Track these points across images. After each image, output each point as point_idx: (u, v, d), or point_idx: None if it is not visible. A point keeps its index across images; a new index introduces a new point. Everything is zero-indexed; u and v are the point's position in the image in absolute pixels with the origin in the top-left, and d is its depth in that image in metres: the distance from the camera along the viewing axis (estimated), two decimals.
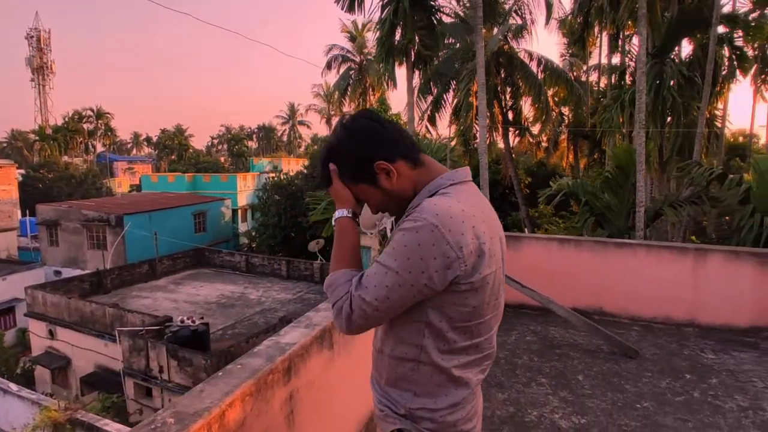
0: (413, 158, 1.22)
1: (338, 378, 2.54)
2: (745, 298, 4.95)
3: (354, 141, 1.20)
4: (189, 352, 10.68)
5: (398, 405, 1.22)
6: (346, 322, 1.14)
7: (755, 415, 3.33)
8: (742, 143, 27.35)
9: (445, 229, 1.06)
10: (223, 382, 1.76)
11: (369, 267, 1.19)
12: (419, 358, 1.17)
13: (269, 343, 2.15)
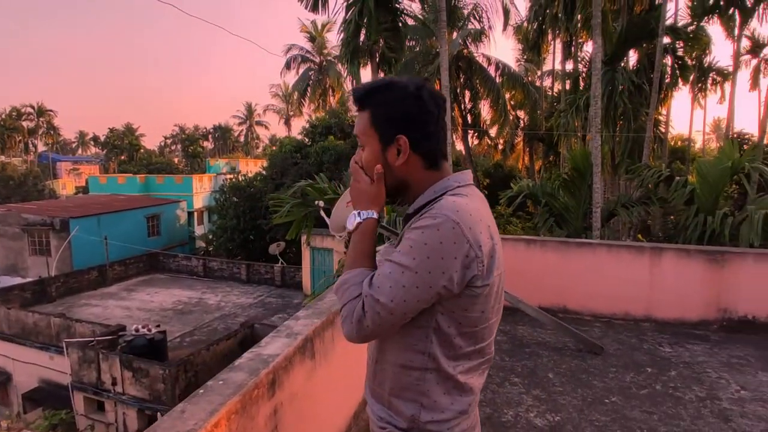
0: (431, 161, 1.18)
1: (319, 388, 2.48)
2: (695, 293, 5.26)
3: (408, 105, 1.14)
4: (145, 362, 10.19)
5: (402, 417, 1.16)
6: (357, 326, 1.06)
7: (712, 404, 3.53)
8: (681, 147, 29.17)
9: (465, 227, 1.03)
10: (205, 400, 1.67)
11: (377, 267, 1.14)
12: (426, 366, 1.12)
13: (250, 355, 2.06)
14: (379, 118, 1.16)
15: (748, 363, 4.31)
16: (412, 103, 1.14)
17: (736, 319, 5.12)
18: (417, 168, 1.17)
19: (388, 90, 1.18)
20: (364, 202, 1.19)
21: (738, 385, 3.85)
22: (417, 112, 1.14)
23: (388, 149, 1.16)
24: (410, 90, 1.16)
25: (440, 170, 1.19)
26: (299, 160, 23.57)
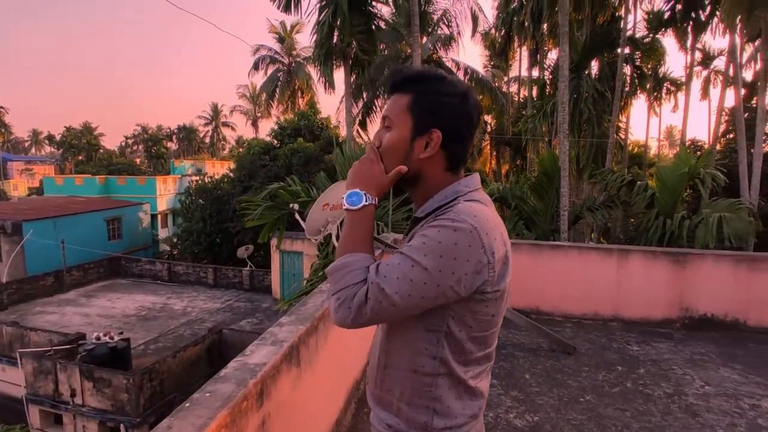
0: (453, 164, 1.16)
1: (304, 396, 2.43)
2: (660, 293, 5.49)
3: (453, 100, 1.12)
4: (107, 371, 9.74)
5: (414, 424, 1.14)
6: (356, 311, 1.01)
7: (680, 400, 3.68)
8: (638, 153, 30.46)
9: (482, 232, 1.02)
10: (192, 414, 1.59)
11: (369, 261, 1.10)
12: (438, 371, 1.11)
13: (236, 365, 1.99)
14: (420, 106, 1.12)
15: (710, 359, 4.52)
16: (459, 103, 1.12)
17: (697, 317, 5.38)
18: (437, 166, 1.15)
19: (438, 81, 1.15)
20: (373, 188, 1.15)
21: (702, 381, 4.04)
22: (459, 113, 1.12)
23: (417, 138, 1.12)
24: (460, 89, 1.14)
25: (457, 175, 1.17)
26: (268, 162, 23.20)
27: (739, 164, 10.68)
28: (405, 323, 1.13)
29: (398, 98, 1.16)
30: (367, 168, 1.17)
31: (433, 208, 1.13)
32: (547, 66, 16.79)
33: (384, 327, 1.21)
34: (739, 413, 3.50)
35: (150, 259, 21.80)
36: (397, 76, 1.19)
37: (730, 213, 7.90)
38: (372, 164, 1.16)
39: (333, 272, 1.08)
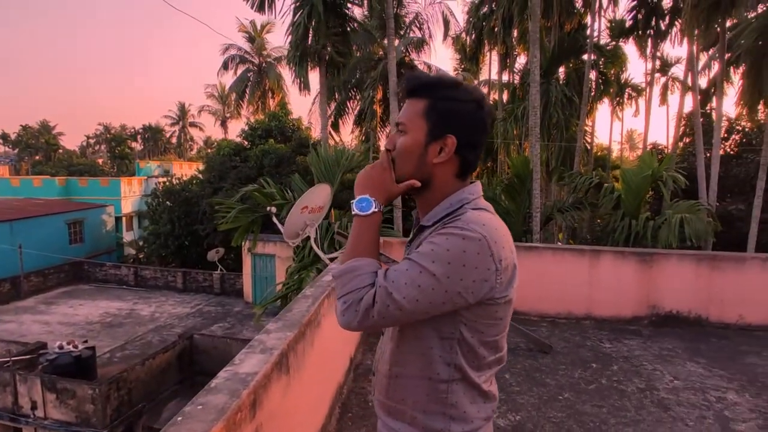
0: (464, 171, 1.17)
1: (293, 404, 2.41)
2: (629, 292, 5.70)
3: (470, 107, 1.14)
4: (71, 381, 9.33)
5: (430, 431, 1.14)
6: (363, 314, 1.02)
7: (652, 395, 3.84)
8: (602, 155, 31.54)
9: (491, 241, 1.03)
10: (186, 428, 1.55)
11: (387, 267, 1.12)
12: (453, 377, 1.12)
13: (226, 375, 1.95)
14: (436, 111, 1.13)
15: (676, 354, 4.73)
16: (474, 110, 1.14)
17: (663, 314, 5.61)
18: (448, 172, 1.15)
19: (454, 88, 1.15)
20: (383, 195, 1.16)
21: (671, 376, 4.22)
22: (474, 120, 1.14)
23: (432, 143, 1.13)
24: (475, 96, 1.15)
25: (464, 182, 1.18)
26: (238, 163, 22.77)
27: (697, 167, 11.22)
28: (417, 332, 1.14)
29: (414, 103, 1.16)
30: (378, 174, 1.17)
31: (440, 217, 1.14)
32: (517, 71, 17.20)
33: (394, 337, 1.20)
34: (706, 406, 3.67)
35: (115, 264, 21.05)
36: (414, 82, 1.19)
37: (690, 214, 8.29)
38: (384, 171, 1.17)
39: (340, 276, 1.09)
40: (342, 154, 7.79)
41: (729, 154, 13.68)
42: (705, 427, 3.36)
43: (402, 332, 1.17)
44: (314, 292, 3.21)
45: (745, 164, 12.40)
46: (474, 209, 1.12)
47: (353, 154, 7.85)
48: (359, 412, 3.47)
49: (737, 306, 5.53)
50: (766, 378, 4.21)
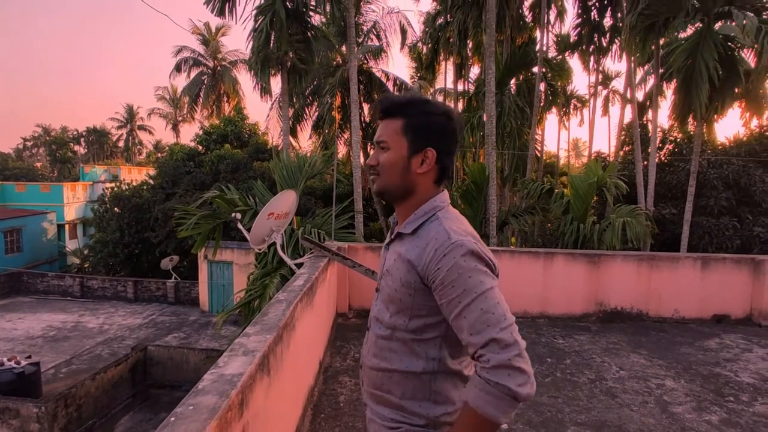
0: (441, 177, 1.31)
1: (274, 404, 2.49)
2: (579, 291, 6.11)
3: (444, 121, 1.27)
4: (13, 400, 8.77)
5: (418, 417, 1.26)
6: (526, 384, 1.07)
7: (601, 384, 4.17)
8: (551, 162, 33.07)
9: (478, 242, 1.20)
10: (181, 429, 1.61)
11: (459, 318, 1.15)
12: (436, 369, 1.25)
13: (212, 377, 2.02)
14: (413, 128, 1.26)
15: (621, 347, 5.14)
16: (445, 122, 1.27)
17: (609, 311, 6.06)
18: (429, 180, 1.29)
19: (426, 104, 1.29)
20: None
21: (617, 367, 4.59)
22: (447, 130, 1.28)
23: (414, 156, 1.26)
24: (443, 109, 1.29)
25: (439, 188, 1.32)
26: (193, 168, 22.16)
27: (636, 174, 12.08)
28: (406, 338, 1.27)
29: (391, 123, 1.29)
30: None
31: (416, 226, 1.27)
32: (471, 80, 17.80)
33: (382, 337, 1.32)
34: (648, 392, 4.04)
35: (58, 273, 19.85)
36: (388, 103, 1.32)
37: (631, 218, 8.95)
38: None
39: (499, 423, 1.10)
40: (305, 160, 7.85)
41: (663, 163, 14.81)
42: (647, 411, 3.70)
43: (391, 336, 1.29)
44: (287, 296, 3.29)
45: (677, 172, 13.50)
46: (445, 219, 1.24)
47: (315, 160, 7.92)
48: (331, 413, 3.57)
49: (673, 301, 6.06)
50: (698, 366, 4.66)
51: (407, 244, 1.28)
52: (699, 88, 8.39)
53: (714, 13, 8.56)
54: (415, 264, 1.23)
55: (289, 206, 5.35)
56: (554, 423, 3.49)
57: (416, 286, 1.24)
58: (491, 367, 1.08)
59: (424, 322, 1.26)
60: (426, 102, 1.31)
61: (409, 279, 1.24)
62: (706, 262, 6.13)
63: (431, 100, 1.33)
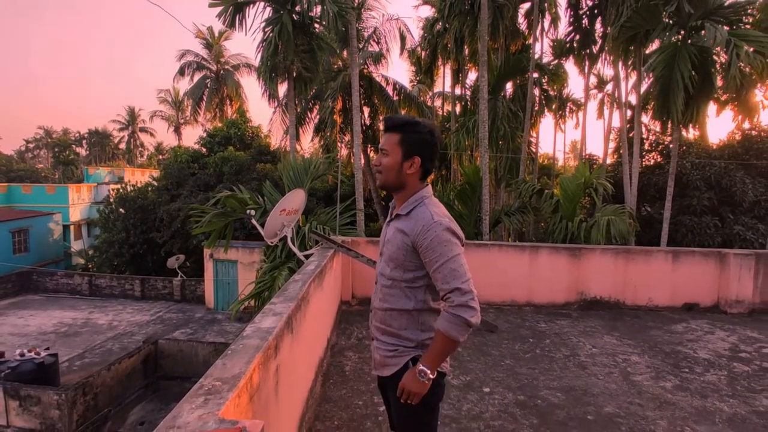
0: (424, 176, 1.89)
1: (295, 358, 3.06)
2: (562, 281, 6.69)
3: (431, 135, 1.86)
4: (35, 388, 9.32)
5: (410, 341, 1.86)
6: (473, 308, 1.68)
7: (574, 359, 4.75)
8: (547, 164, 33.68)
9: (452, 222, 1.79)
10: (238, 357, 2.19)
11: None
12: (422, 308, 1.85)
13: (252, 328, 2.59)
14: (406, 142, 1.84)
15: (597, 330, 5.72)
16: (429, 138, 1.87)
17: (589, 299, 6.64)
18: (415, 178, 1.88)
19: (416, 125, 1.87)
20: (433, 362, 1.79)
21: (591, 346, 5.17)
22: (430, 145, 1.87)
23: (405, 161, 1.85)
24: (429, 128, 1.88)
25: (423, 183, 1.92)
26: (197, 170, 22.73)
27: (623, 176, 12.68)
28: (403, 285, 1.85)
29: (392, 136, 1.89)
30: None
31: (409, 209, 1.87)
32: (468, 86, 18.42)
33: (385, 287, 1.92)
34: (614, 365, 4.62)
35: (68, 272, 20.37)
36: (391, 122, 1.93)
37: (615, 216, 9.53)
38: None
39: (460, 336, 1.71)
40: (310, 162, 8.44)
41: (653, 165, 15.42)
42: (611, 379, 4.29)
43: (391, 286, 1.89)
44: (302, 277, 3.88)
45: (663, 174, 14.12)
46: (430, 204, 1.85)
47: (319, 162, 8.51)
48: (339, 380, 4.15)
49: (647, 291, 6.65)
50: (663, 345, 5.25)
51: (403, 222, 1.89)
52: (675, 95, 9.01)
53: (689, 26, 9.19)
54: (409, 234, 1.84)
55: (298, 203, 5.93)
56: (530, 388, 4.08)
57: (409, 249, 1.84)
58: (454, 305, 1.70)
59: (414, 275, 1.87)
60: (417, 123, 1.90)
61: (404, 243, 1.85)
62: (677, 256, 6.73)
63: (421, 122, 1.92)
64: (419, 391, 1.79)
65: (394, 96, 21.84)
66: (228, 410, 1.71)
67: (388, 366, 1.93)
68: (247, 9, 10.25)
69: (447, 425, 3.38)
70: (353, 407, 3.62)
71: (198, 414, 1.65)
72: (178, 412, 1.67)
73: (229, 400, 1.76)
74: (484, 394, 3.91)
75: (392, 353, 1.91)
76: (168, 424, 1.59)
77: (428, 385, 1.78)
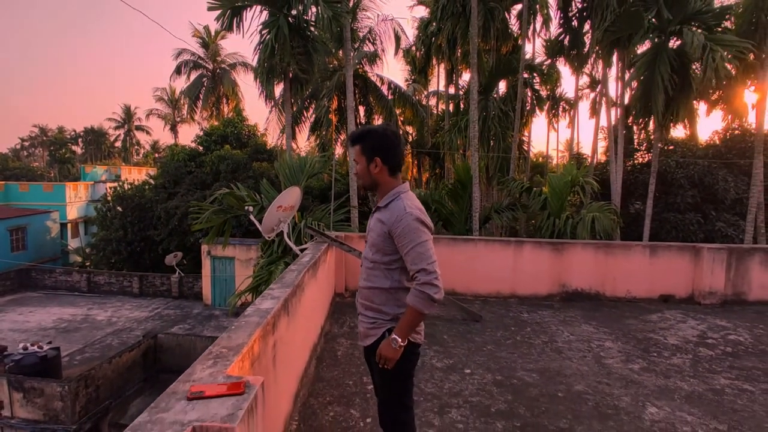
0: (393, 171, 2.23)
1: (291, 336, 3.39)
2: (545, 274, 7.03)
3: (383, 138, 2.18)
4: (38, 380, 9.59)
5: (387, 315, 2.19)
6: (437, 286, 2.00)
7: (552, 345, 5.10)
8: (541, 163, 34.10)
9: (421, 213, 2.12)
10: (241, 330, 2.51)
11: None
12: (398, 286, 2.18)
13: (253, 309, 2.92)
14: (366, 148, 2.20)
15: (576, 320, 6.07)
16: (383, 141, 2.21)
17: (571, 291, 6.99)
18: (385, 174, 2.22)
19: (370, 133, 2.24)
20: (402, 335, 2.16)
21: (569, 333, 5.52)
22: (385, 144, 2.20)
23: (370, 164, 2.20)
24: (382, 133, 2.23)
25: (396, 177, 2.25)
26: (194, 168, 22.97)
27: (610, 174, 13.06)
28: (382, 267, 2.19)
29: (355, 148, 2.26)
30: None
31: (387, 202, 2.21)
32: (461, 86, 18.75)
33: (368, 269, 2.26)
34: (588, 350, 4.97)
35: (67, 269, 20.57)
36: (352, 137, 2.31)
37: (600, 213, 9.90)
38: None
39: (427, 307, 2.04)
40: (306, 161, 8.76)
41: (642, 163, 15.82)
42: (584, 362, 4.63)
43: (373, 268, 2.23)
44: (297, 267, 4.20)
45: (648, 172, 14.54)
46: (405, 198, 2.18)
47: (315, 161, 8.83)
48: (331, 362, 4.48)
49: (626, 283, 7.00)
50: (636, 332, 5.60)
51: (382, 213, 2.23)
52: (656, 97, 9.39)
53: (669, 31, 9.55)
54: (386, 223, 2.18)
55: (294, 200, 6.25)
56: (508, 369, 4.42)
57: (386, 236, 2.18)
58: (421, 283, 2.03)
59: (390, 258, 2.21)
60: (370, 131, 2.26)
61: (383, 231, 2.19)
62: (654, 250, 7.09)
63: (374, 129, 2.27)
64: (393, 357, 2.12)
65: (389, 95, 22.16)
66: (233, 370, 2.04)
67: (369, 337, 2.27)
68: (244, 12, 10.56)
69: (429, 401, 3.72)
70: (344, 386, 3.94)
71: (209, 372, 1.97)
72: (192, 370, 2.00)
73: (234, 363, 2.09)
74: (465, 375, 4.25)
75: (372, 325, 2.25)
76: (184, 378, 1.92)
77: (400, 351, 2.11)
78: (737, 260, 6.92)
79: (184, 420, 1.57)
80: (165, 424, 1.55)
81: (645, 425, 3.42)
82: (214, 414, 1.60)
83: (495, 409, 3.61)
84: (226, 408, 1.64)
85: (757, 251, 7.05)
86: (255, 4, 10.48)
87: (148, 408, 1.68)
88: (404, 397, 2.30)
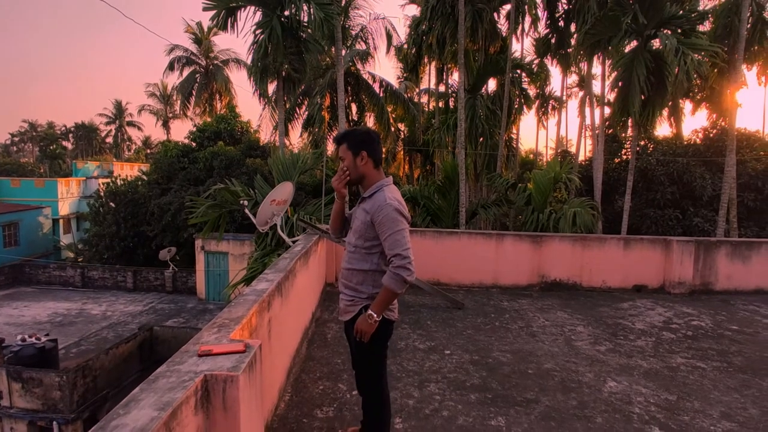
0: (377, 164, 2.55)
1: (285, 316, 3.73)
2: (525, 265, 7.42)
3: (366, 134, 2.53)
4: (36, 371, 9.84)
5: (363, 293, 2.51)
6: (411, 275, 2.30)
7: (528, 330, 5.48)
8: (531, 159, 34.60)
9: (400, 203, 2.46)
10: (240, 305, 2.85)
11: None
12: (376, 269, 2.50)
13: (249, 290, 3.25)
14: (352, 144, 2.51)
15: (552, 307, 6.46)
16: (367, 136, 2.55)
17: (550, 282, 7.39)
18: (370, 167, 2.54)
19: (355, 132, 2.58)
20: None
21: (544, 319, 5.91)
22: (368, 139, 2.54)
23: (356, 158, 2.52)
24: (365, 131, 2.58)
25: (379, 170, 2.59)
26: (187, 164, 23.13)
27: (594, 171, 13.52)
28: (362, 251, 2.51)
29: (341, 146, 2.57)
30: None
31: (371, 192, 2.54)
32: (450, 85, 19.11)
33: (350, 252, 2.58)
34: (561, 334, 5.36)
35: (61, 263, 20.70)
36: (337, 137, 2.65)
37: (580, 209, 10.32)
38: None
39: (400, 289, 2.37)
40: (298, 157, 9.07)
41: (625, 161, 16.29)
42: (555, 345, 5.02)
43: (354, 252, 2.56)
44: (290, 255, 4.54)
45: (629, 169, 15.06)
46: (388, 190, 2.51)
47: (307, 158, 9.15)
48: (321, 344, 4.82)
49: (601, 274, 7.42)
50: (607, 319, 6.00)
51: (366, 202, 2.56)
52: (632, 97, 9.82)
53: (645, 34, 9.97)
54: (369, 212, 2.50)
55: (287, 194, 6.57)
56: (484, 350, 4.79)
57: (368, 223, 2.51)
58: (395, 266, 2.35)
59: (371, 243, 2.53)
60: (354, 131, 2.61)
61: (366, 219, 2.52)
62: (627, 242, 7.51)
63: (357, 129, 2.62)
64: (368, 330, 2.45)
65: (381, 93, 22.46)
66: (235, 336, 2.38)
67: (347, 312, 2.60)
68: (238, 12, 10.82)
69: (410, 377, 4.08)
70: (333, 364, 4.30)
71: (214, 336, 2.32)
72: (200, 336, 2.35)
73: (235, 331, 2.44)
74: (444, 355, 4.62)
75: (350, 302, 2.58)
76: (193, 341, 2.27)
77: (375, 326, 2.45)
78: (705, 252, 7.36)
79: (197, 370, 1.92)
80: (182, 372, 1.90)
81: (603, 396, 3.81)
82: (221, 366, 1.95)
83: (470, 383, 3.98)
84: (231, 362, 1.99)
85: (723, 244, 7.50)
86: (249, 4, 10.76)
87: (166, 362, 2.03)
88: (378, 365, 2.63)
